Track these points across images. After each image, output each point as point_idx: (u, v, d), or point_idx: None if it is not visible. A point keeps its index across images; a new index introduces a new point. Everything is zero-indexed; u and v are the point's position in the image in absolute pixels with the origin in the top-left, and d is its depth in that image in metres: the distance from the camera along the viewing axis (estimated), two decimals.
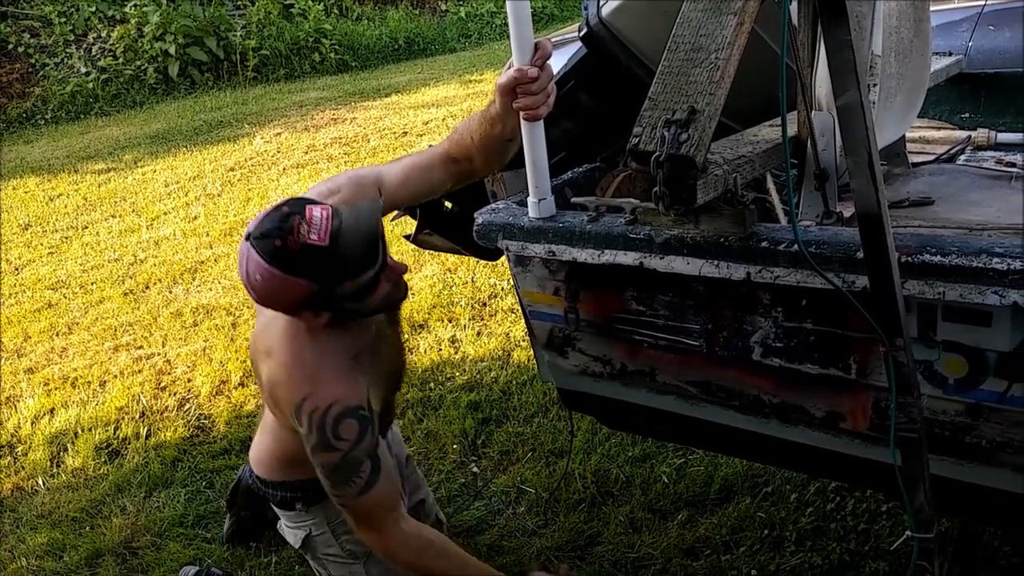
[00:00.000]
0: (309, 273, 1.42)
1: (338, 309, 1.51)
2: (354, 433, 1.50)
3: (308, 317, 1.51)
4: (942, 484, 1.34)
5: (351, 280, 1.46)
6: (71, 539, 2.50)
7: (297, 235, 1.40)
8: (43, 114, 9.20)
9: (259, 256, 1.41)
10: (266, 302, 1.48)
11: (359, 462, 1.51)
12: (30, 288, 4.55)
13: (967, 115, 2.30)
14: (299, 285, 1.43)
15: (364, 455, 1.51)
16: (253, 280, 1.44)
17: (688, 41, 1.26)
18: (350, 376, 1.54)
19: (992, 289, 1.14)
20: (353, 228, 1.44)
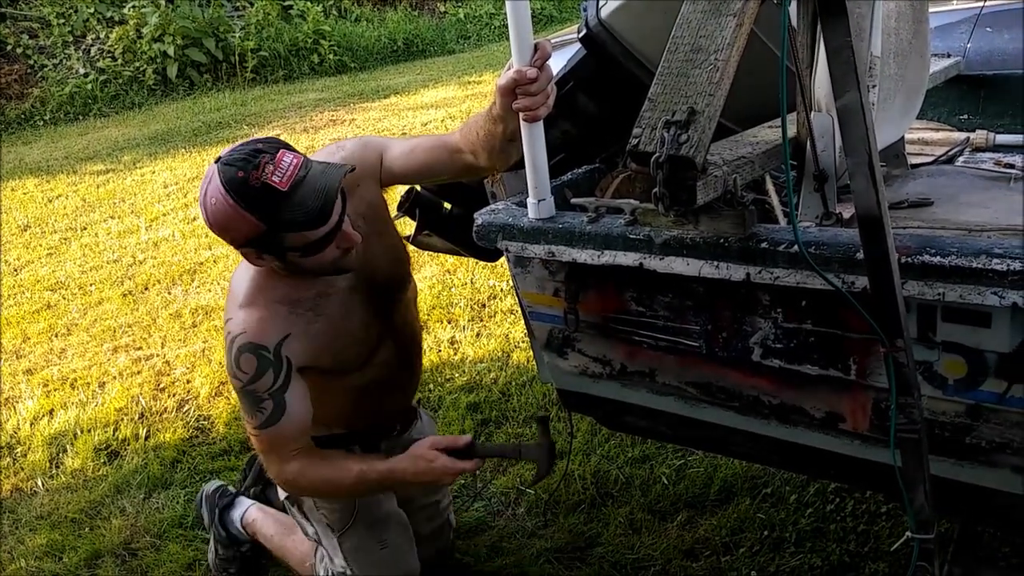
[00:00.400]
0: (260, 212, 1.46)
1: (281, 257, 1.55)
2: (251, 368, 1.57)
3: (251, 256, 1.57)
4: (942, 485, 1.34)
5: (297, 232, 1.49)
6: (70, 540, 2.50)
7: (261, 172, 1.44)
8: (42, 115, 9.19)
9: (219, 182, 1.46)
10: (214, 228, 1.52)
11: (259, 399, 1.59)
12: (29, 289, 4.55)
13: (966, 116, 2.31)
14: (248, 221, 1.47)
15: (265, 393, 1.58)
16: (208, 202, 1.49)
17: (687, 42, 1.27)
18: (272, 317, 1.60)
19: (992, 290, 1.14)
20: (315, 183, 1.47)
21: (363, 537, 1.89)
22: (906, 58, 1.75)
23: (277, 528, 2.18)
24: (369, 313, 1.74)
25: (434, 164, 1.67)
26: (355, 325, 1.72)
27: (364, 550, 1.89)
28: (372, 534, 1.89)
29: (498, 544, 2.25)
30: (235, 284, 1.68)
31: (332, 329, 1.67)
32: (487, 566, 2.18)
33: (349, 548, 1.89)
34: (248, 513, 2.24)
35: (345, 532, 1.88)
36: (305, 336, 1.63)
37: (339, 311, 1.68)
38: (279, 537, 2.15)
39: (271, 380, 1.59)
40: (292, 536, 2.12)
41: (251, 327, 1.59)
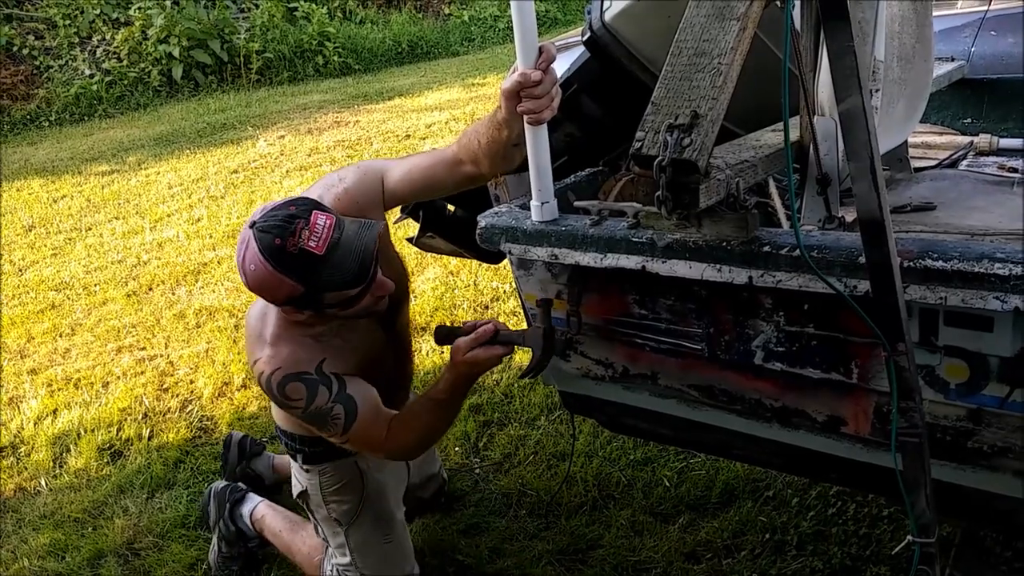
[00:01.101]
0: (299, 276, 1.50)
1: (319, 311, 1.61)
2: (303, 394, 1.62)
3: (290, 311, 1.62)
4: (943, 489, 1.34)
5: (337, 291, 1.54)
6: (73, 540, 2.51)
7: (297, 238, 1.48)
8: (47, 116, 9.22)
9: (257, 247, 1.50)
10: (254, 290, 1.57)
11: (327, 411, 1.63)
12: (33, 289, 4.56)
13: (969, 120, 2.31)
14: (287, 284, 1.51)
15: (328, 404, 1.63)
16: (247, 268, 1.53)
17: (691, 46, 1.27)
18: (302, 348, 1.64)
19: (994, 294, 1.14)
20: (350, 245, 1.52)
21: (369, 530, 1.94)
22: (909, 62, 1.75)
23: (285, 524, 2.20)
24: (381, 330, 1.81)
25: (433, 182, 1.68)
26: (373, 344, 1.78)
27: (370, 543, 1.94)
28: (378, 528, 1.94)
29: (499, 546, 2.25)
30: (253, 324, 1.70)
31: (358, 352, 1.72)
32: (488, 568, 2.18)
33: (356, 542, 1.94)
34: (258, 509, 2.26)
35: (352, 525, 1.93)
36: (338, 359, 1.67)
37: (361, 336, 1.74)
38: (287, 533, 2.18)
39: (327, 393, 1.63)
40: (300, 532, 2.16)
41: (285, 361, 1.62)
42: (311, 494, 1.93)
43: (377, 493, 1.94)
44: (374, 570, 1.96)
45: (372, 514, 1.93)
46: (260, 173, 6.31)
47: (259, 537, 2.25)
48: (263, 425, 2.96)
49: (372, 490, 1.93)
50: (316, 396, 1.62)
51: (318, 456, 1.89)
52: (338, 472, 1.90)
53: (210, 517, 2.35)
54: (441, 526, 2.35)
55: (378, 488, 1.95)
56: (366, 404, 1.67)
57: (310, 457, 1.89)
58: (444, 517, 2.38)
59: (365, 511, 1.92)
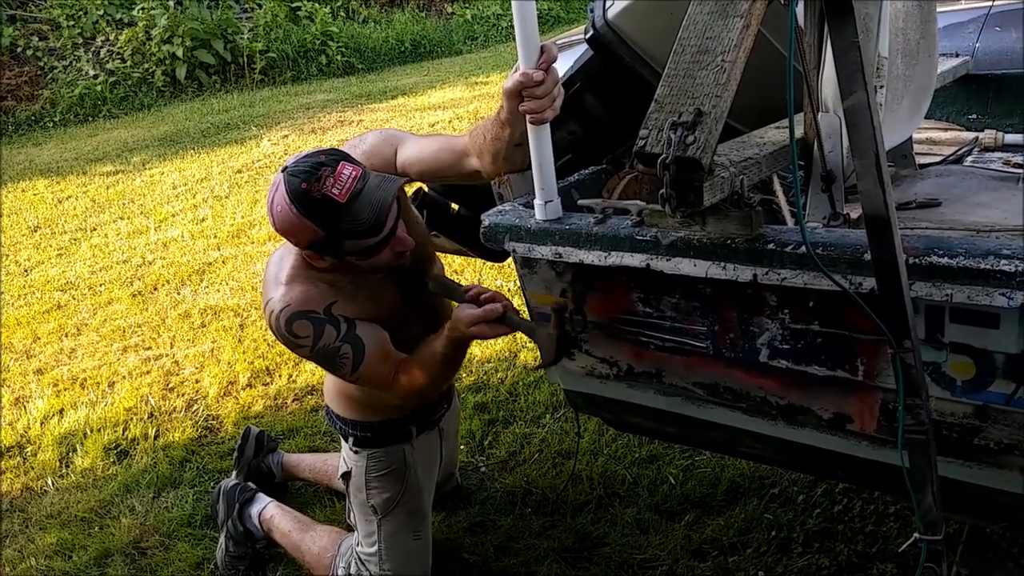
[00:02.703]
0: (320, 221, 1.56)
1: (340, 259, 1.65)
2: (309, 331, 1.65)
3: (313, 256, 1.66)
4: (950, 486, 1.34)
5: (355, 239, 1.59)
6: (80, 539, 2.52)
7: (322, 184, 1.55)
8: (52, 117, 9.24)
9: (285, 190, 1.57)
10: (280, 231, 1.63)
11: (335, 350, 1.66)
12: (39, 290, 4.58)
13: (974, 116, 2.30)
14: (309, 228, 1.57)
15: (336, 342, 1.65)
16: (275, 209, 1.60)
17: (694, 43, 1.27)
18: (315, 289, 1.68)
19: (1000, 291, 1.13)
20: (370, 196, 1.57)
21: (402, 523, 1.96)
22: (914, 58, 1.74)
23: (294, 525, 2.21)
24: (401, 290, 1.81)
25: (439, 166, 1.70)
26: (389, 301, 1.78)
27: (401, 536, 1.96)
28: (411, 522, 1.97)
29: (505, 544, 2.25)
30: (271, 268, 1.73)
31: (370, 303, 1.73)
32: (494, 565, 2.19)
33: (387, 532, 1.96)
34: (267, 510, 2.27)
35: (388, 516, 1.95)
36: (350, 305, 1.69)
37: (374, 290, 1.75)
38: (296, 534, 2.19)
39: (335, 332, 1.65)
40: (309, 533, 2.17)
41: (295, 299, 1.66)
42: (355, 476, 1.96)
43: (417, 488, 1.98)
44: (397, 563, 1.97)
45: (408, 507, 1.96)
46: (264, 173, 6.31)
47: (267, 538, 2.25)
48: (268, 424, 2.96)
49: (413, 484, 1.96)
50: (323, 335, 1.64)
51: (368, 441, 1.93)
52: (387, 458, 1.93)
53: (219, 516, 2.36)
54: (447, 524, 2.35)
55: (418, 484, 1.98)
56: (374, 345, 1.68)
57: (360, 441, 1.93)
58: (450, 515, 2.38)
59: (402, 503, 1.95)
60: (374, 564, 1.98)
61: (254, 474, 2.49)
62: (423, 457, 2.00)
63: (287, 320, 1.64)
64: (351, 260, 1.65)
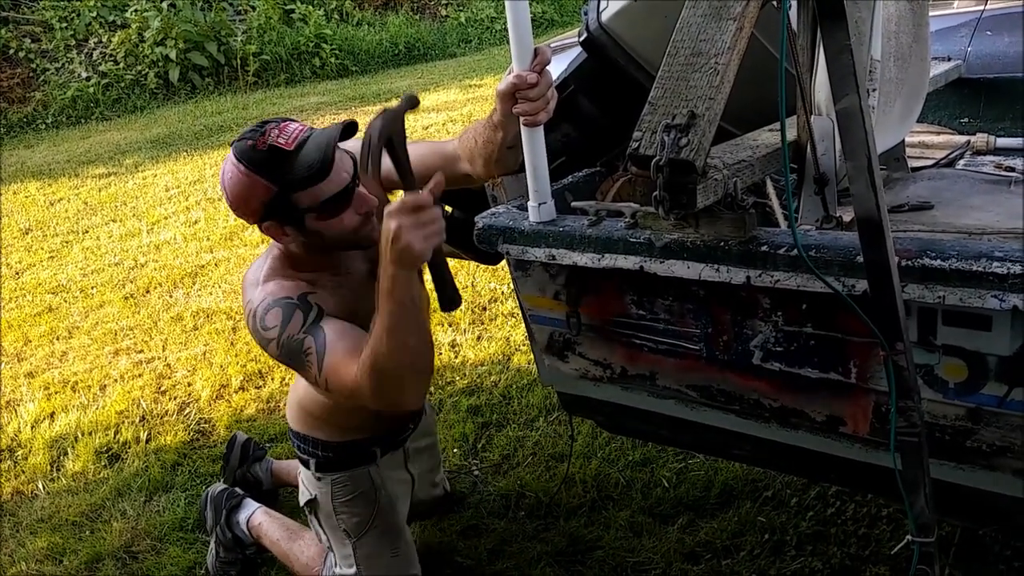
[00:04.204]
0: (268, 173, 1.51)
1: (300, 224, 1.56)
2: (278, 319, 1.54)
3: (273, 230, 1.58)
4: (943, 488, 1.34)
5: (305, 188, 1.52)
6: (71, 543, 2.50)
7: (267, 137, 1.52)
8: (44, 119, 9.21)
9: (232, 156, 1.53)
10: (233, 203, 1.56)
11: (300, 344, 1.52)
12: (30, 292, 4.55)
13: (966, 120, 2.31)
14: (259, 184, 1.52)
15: (301, 334, 1.52)
16: (226, 180, 1.55)
17: (688, 46, 1.27)
18: (291, 281, 1.60)
19: (992, 293, 1.14)
20: (317, 139, 1.53)
21: (377, 544, 1.91)
22: (906, 61, 1.75)
23: (283, 533, 2.18)
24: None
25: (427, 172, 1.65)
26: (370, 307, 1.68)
27: (377, 556, 1.91)
28: (386, 541, 1.92)
29: (498, 547, 2.25)
30: (249, 275, 1.68)
31: (349, 306, 1.64)
32: (487, 569, 2.18)
33: (363, 555, 1.91)
34: (255, 516, 2.25)
35: (361, 539, 1.90)
36: (330, 299, 1.61)
37: (355, 293, 1.67)
38: (285, 542, 2.16)
39: (301, 320, 1.53)
40: (298, 541, 2.14)
41: (272, 291, 1.58)
42: (322, 504, 1.90)
43: (389, 506, 1.92)
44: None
45: (382, 528, 1.91)
46: None
47: (256, 544, 2.24)
48: (261, 427, 2.95)
49: (385, 503, 1.91)
50: (291, 321, 1.52)
51: (332, 464, 1.86)
52: (352, 483, 1.87)
53: (207, 522, 2.34)
54: (440, 527, 2.35)
55: (390, 502, 1.92)
56: (337, 337, 1.50)
57: (323, 464, 1.87)
58: (442, 519, 2.37)
59: (375, 524, 1.89)
60: None
61: (241, 482, 2.47)
62: (391, 474, 1.95)
63: (262, 311, 1.56)
64: (312, 224, 1.55)
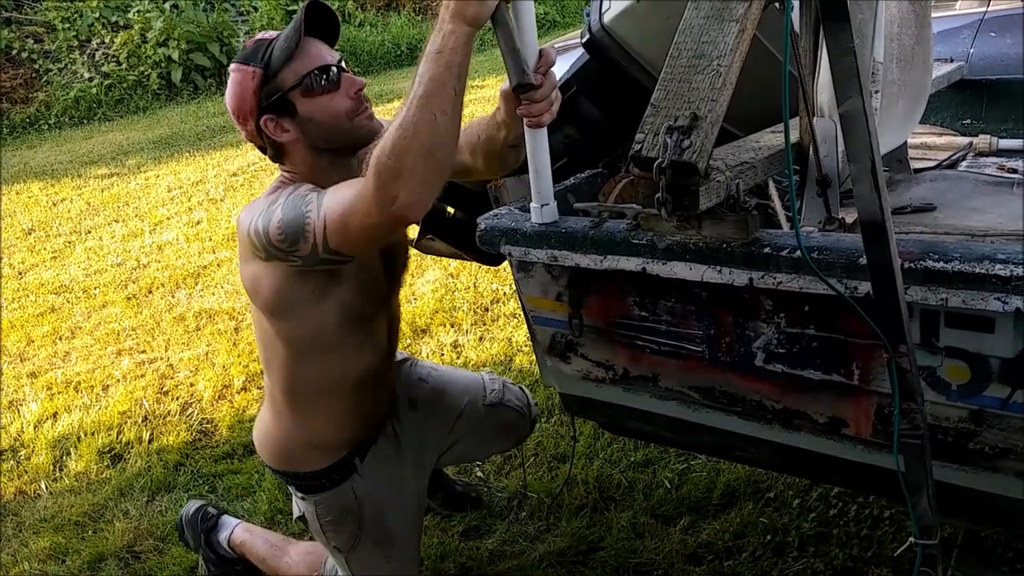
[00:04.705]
0: (255, 58, 1.55)
1: (293, 112, 1.55)
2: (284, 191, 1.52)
3: (270, 126, 1.56)
4: (945, 490, 1.34)
5: (286, 62, 1.53)
6: (74, 543, 2.50)
7: (257, 35, 1.58)
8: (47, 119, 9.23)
9: (231, 66, 1.58)
10: (233, 109, 1.59)
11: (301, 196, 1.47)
12: (33, 292, 4.56)
13: (969, 121, 2.31)
14: (247, 72, 1.55)
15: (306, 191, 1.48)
16: (226, 95, 1.60)
17: (690, 48, 1.27)
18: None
19: (995, 295, 1.14)
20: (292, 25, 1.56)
21: (369, 555, 1.88)
22: (909, 63, 1.75)
23: (268, 550, 2.14)
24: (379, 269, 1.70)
25: None
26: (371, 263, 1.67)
27: (371, 566, 1.88)
28: (378, 552, 1.88)
29: (500, 548, 2.25)
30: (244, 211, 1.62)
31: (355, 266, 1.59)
32: (489, 570, 2.18)
33: (357, 567, 1.88)
34: (235, 535, 2.20)
35: (352, 552, 1.87)
36: None
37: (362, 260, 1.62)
38: (271, 560, 2.12)
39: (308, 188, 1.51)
40: (284, 558, 2.10)
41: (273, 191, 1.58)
42: (310, 521, 1.88)
43: (375, 518, 1.86)
44: None
45: (372, 540, 1.87)
46: (259, 176, 6.31)
47: (242, 561, 2.20)
48: None
49: (369, 516, 1.85)
50: (295, 186, 1.52)
51: (312, 488, 1.83)
52: (335, 501, 1.83)
53: (189, 544, 2.30)
54: (441, 528, 2.35)
55: (376, 512, 1.87)
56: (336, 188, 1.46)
57: (304, 488, 1.84)
58: (444, 520, 2.37)
59: (364, 539, 1.86)
60: None
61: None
62: (380, 475, 1.87)
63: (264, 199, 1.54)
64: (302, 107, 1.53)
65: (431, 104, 1.29)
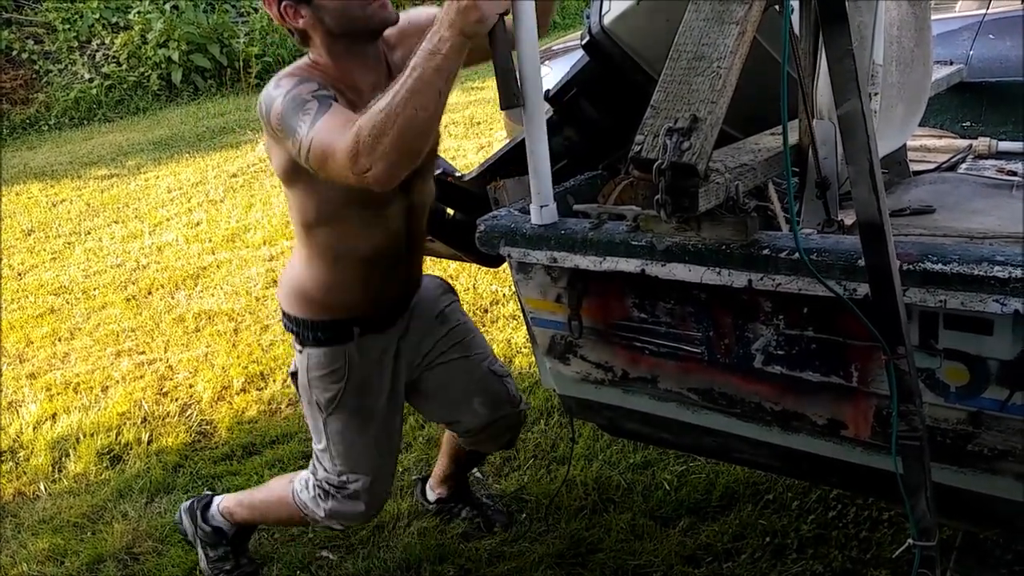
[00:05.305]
0: None
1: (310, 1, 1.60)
2: (292, 83, 1.58)
3: (290, 12, 1.63)
4: (944, 492, 1.34)
5: None
6: (73, 545, 2.50)
7: None
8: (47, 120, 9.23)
9: None
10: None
11: (303, 99, 1.54)
12: (33, 293, 4.56)
13: (968, 124, 2.31)
14: None
15: (309, 95, 1.54)
16: None
17: (690, 50, 1.27)
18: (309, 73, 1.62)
19: (993, 297, 1.14)
20: None
21: (347, 422, 1.93)
22: (908, 65, 1.75)
23: (248, 498, 2.21)
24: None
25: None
26: None
27: (346, 434, 1.94)
28: (355, 421, 1.93)
29: (499, 549, 2.25)
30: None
31: None
32: (488, 571, 2.18)
33: (333, 429, 1.94)
34: (224, 503, 2.26)
35: (331, 414, 1.93)
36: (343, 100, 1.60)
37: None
38: (255, 503, 2.19)
39: (315, 85, 1.56)
40: (261, 493, 2.18)
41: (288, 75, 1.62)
42: (300, 375, 1.94)
43: (360, 387, 1.92)
44: (345, 460, 1.96)
45: (352, 406, 1.92)
46: (259, 177, 6.31)
47: (236, 525, 2.23)
48: (262, 429, 2.96)
49: (355, 383, 1.91)
50: (303, 83, 1.57)
51: (309, 340, 1.90)
52: (326, 358, 1.89)
53: (187, 533, 2.32)
54: (440, 530, 2.35)
55: (361, 384, 1.92)
56: (340, 113, 1.52)
57: (302, 339, 1.91)
58: (443, 521, 2.37)
59: (344, 402, 1.91)
60: (327, 459, 1.97)
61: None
62: (372, 358, 1.92)
63: (275, 82, 1.60)
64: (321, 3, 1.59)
65: (415, 99, 1.38)
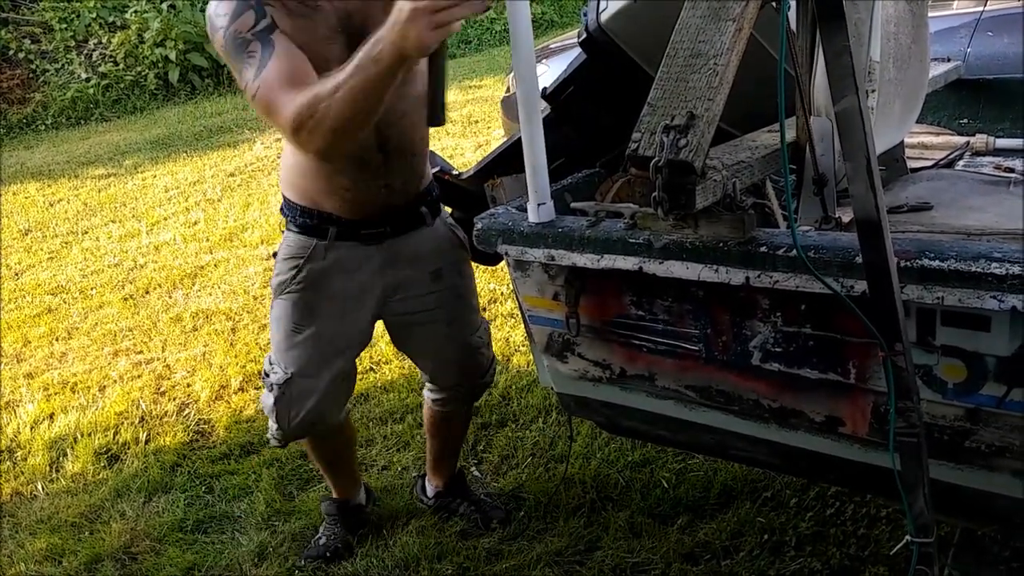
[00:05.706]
0: None
1: None
2: (228, 10, 1.58)
3: None
4: (942, 489, 1.34)
5: None
6: (70, 544, 2.50)
7: None
8: (44, 120, 9.22)
9: None
10: None
11: (245, 41, 1.56)
12: (30, 293, 4.55)
13: (966, 121, 2.31)
14: None
15: (248, 34, 1.56)
16: None
17: (687, 47, 1.27)
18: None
19: (991, 294, 1.14)
20: None
21: (286, 311, 1.95)
22: (906, 62, 1.75)
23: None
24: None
25: None
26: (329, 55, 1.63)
27: (282, 322, 1.96)
28: (294, 312, 1.94)
29: (497, 547, 2.25)
30: None
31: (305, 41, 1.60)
32: (486, 570, 2.18)
33: (275, 313, 1.98)
34: None
35: (278, 297, 1.96)
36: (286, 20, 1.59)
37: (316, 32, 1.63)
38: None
39: (252, 19, 1.56)
40: None
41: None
42: (278, 252, 1.98)
43: (312, 282, 1.92)
44: (276, 346, 1.99)
45: (295, 297, 1.93)
46: (257, 176, 6.31)
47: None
48: (260, 428, 2.95)
49: (309, 276, 1.91)
50: (240, 17, 1.56)
51: (289, 223, 1.93)
52: (295, 244, 1.92)
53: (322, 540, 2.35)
54: (438, 528, 2.35)
55: (317, 279, 1.92)
56: (285, 56, 1.53)
57: (288, 219, 1.94)
58: (441, 519, 2.37)
59: (290, 290, 1.93)
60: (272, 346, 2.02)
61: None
62: (343, 265, 1.92)
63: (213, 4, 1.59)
64: None
65: (361, 102, 1.43)
